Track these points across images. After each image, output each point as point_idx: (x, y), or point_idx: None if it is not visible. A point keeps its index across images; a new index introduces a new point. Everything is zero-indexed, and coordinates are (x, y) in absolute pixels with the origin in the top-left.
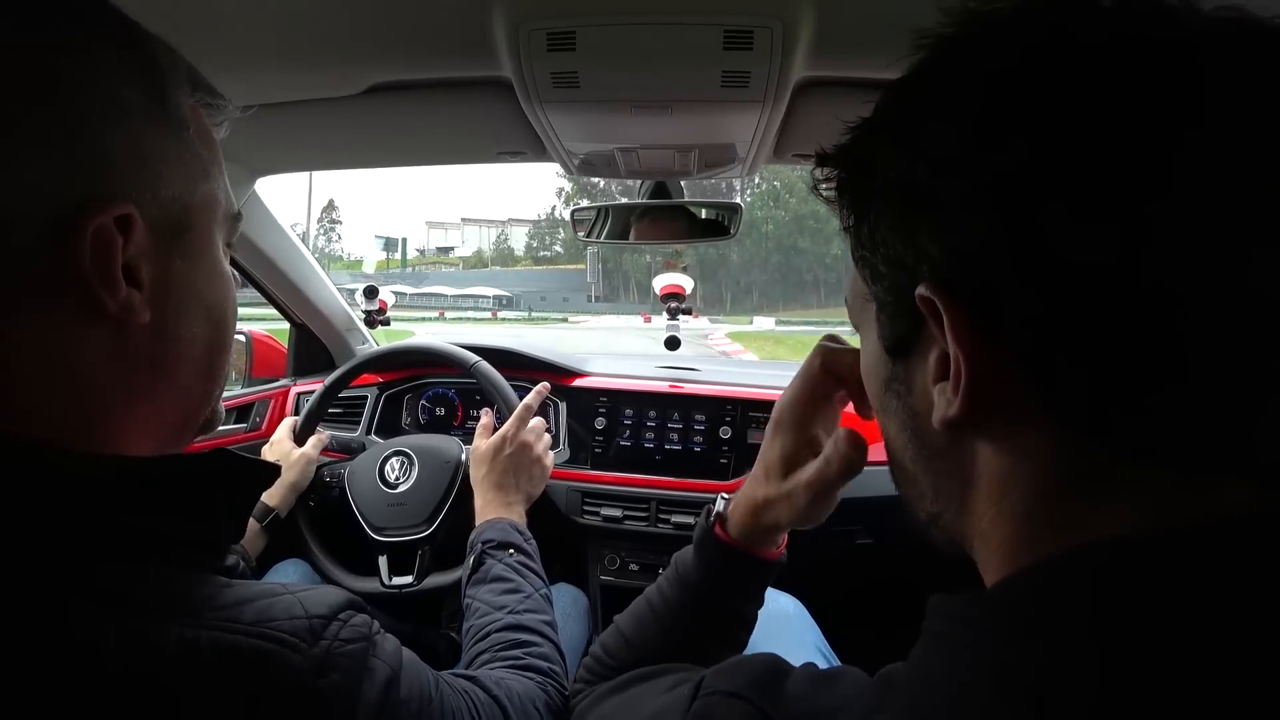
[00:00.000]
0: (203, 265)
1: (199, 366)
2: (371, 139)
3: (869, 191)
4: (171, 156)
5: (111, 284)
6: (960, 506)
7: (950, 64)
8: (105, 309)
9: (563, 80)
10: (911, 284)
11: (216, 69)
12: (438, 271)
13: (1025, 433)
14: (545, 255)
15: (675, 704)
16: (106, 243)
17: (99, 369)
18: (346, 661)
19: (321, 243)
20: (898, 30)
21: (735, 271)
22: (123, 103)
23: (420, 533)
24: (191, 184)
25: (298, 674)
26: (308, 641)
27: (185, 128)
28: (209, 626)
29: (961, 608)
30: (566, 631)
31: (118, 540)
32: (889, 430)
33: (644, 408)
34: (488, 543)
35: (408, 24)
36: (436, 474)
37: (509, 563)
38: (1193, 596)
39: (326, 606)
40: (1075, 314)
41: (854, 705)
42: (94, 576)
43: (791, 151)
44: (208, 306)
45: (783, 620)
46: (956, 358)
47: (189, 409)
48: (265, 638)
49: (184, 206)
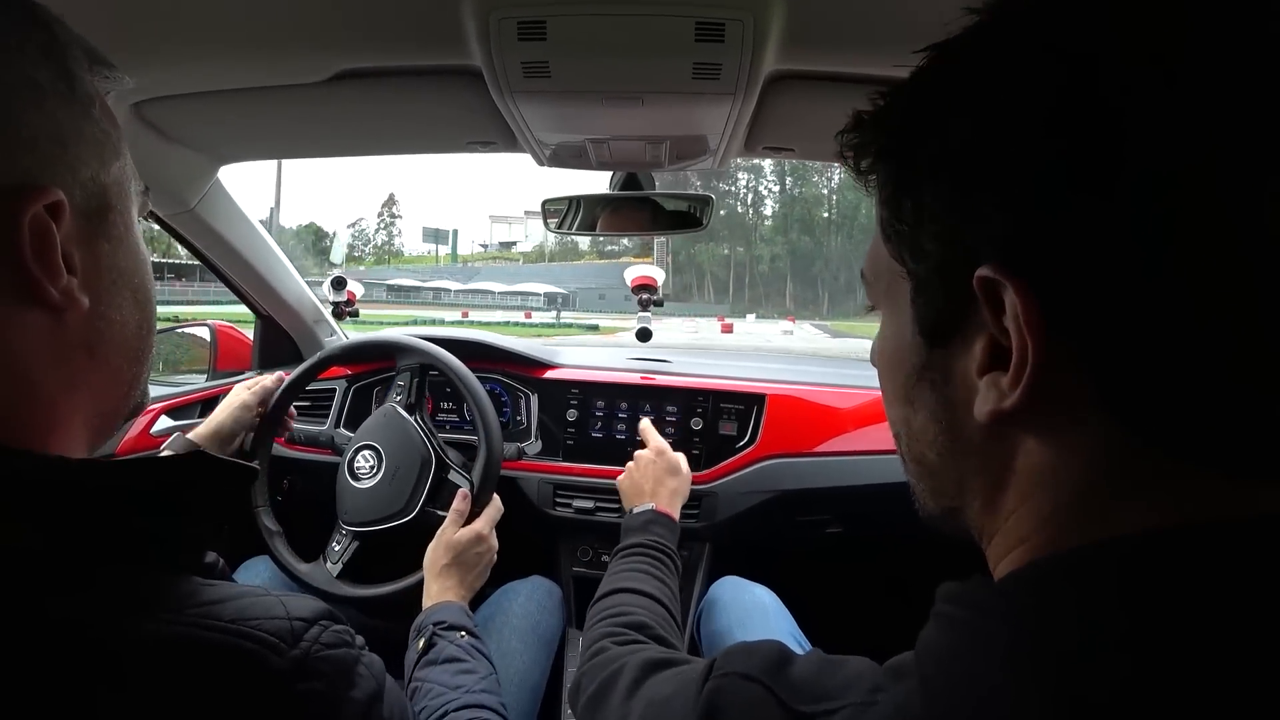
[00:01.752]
0: (125, 245)
1: (129, 349)
2: (338, 127)
3: (918, 158)
4: (87, 137)
5: (53, 272)
6: (985, 501)
7: (1028, 23)
8: (48, 298)
9: (533, 70)
10: (967, 263)
11: (180, 55)
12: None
13: (1075, 427)
14: (611, 249)
15: (688, 687)
16: (44, 230)
17: (40, 360)
18: (327, 668)
19: (382, 238)
20: (868, 26)
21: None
22: (36, 84)
23: (394, 522)
24: (105, 163)
25: (275, 676)
26: (287, 643)
27: (92, 104)
28: (186, 622)
29: (972, 591)
30: (542, 624)
31: (94, 540)
32: (913, 422)
33: (616, 399)
34: (439, 624)
35: (375, 10)
36: (405, 472)
37: (461, 644)
38: (1226, 587)
39: (309, 610)
40: (1154, 307)
41: (859, 685)
42: (69, 574)
43: (763, 144)
44: (133, 287)
45: (759, 611)
46: (1023, 346)
47: (119, 394)
48: (244, 636)
49: (102, 187)
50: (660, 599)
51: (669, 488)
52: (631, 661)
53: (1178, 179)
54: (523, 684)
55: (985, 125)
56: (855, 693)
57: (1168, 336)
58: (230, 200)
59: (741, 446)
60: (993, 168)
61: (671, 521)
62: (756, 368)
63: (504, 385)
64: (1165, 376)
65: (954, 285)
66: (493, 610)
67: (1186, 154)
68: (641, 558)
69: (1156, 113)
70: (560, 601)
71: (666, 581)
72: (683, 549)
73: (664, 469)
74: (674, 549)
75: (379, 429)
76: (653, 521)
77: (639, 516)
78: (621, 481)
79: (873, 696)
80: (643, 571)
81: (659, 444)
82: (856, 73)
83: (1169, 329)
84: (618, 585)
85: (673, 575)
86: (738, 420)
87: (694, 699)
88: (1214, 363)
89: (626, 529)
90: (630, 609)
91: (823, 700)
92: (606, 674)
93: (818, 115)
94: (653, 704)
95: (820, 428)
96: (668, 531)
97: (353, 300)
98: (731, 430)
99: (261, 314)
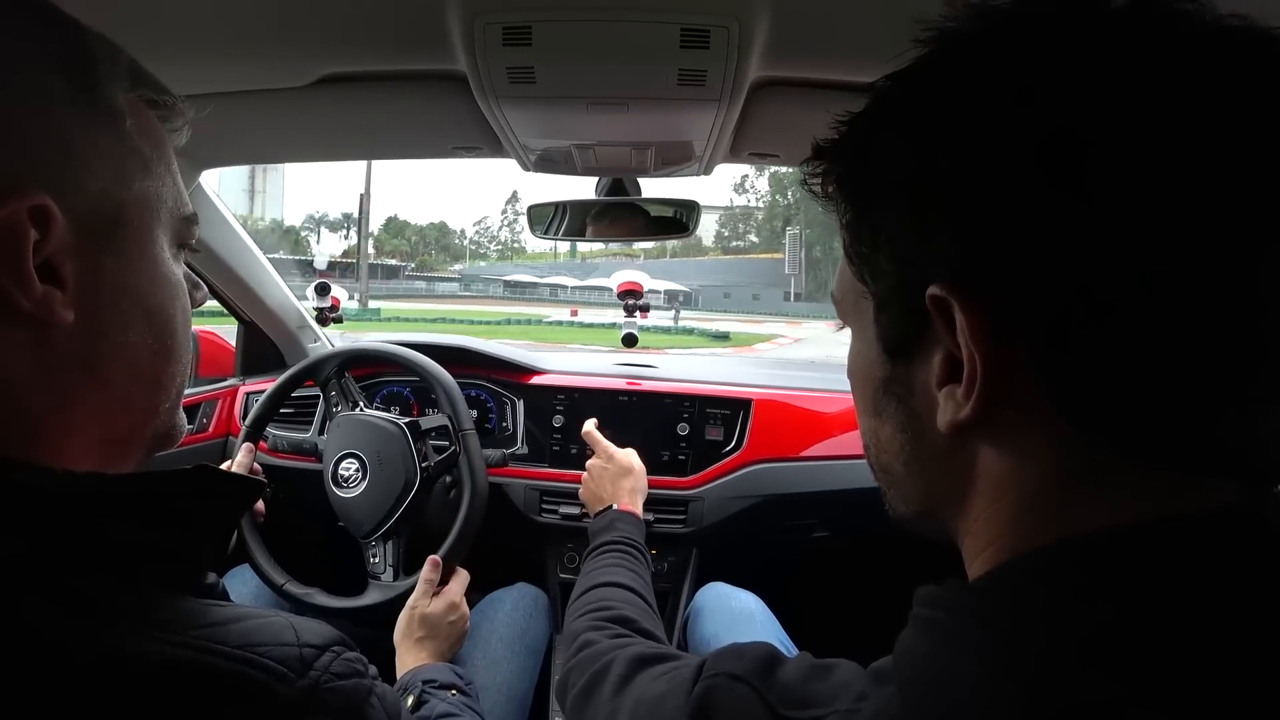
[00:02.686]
0: (141, 265)
1: (140, 374)
2: (322, 132)
3: (872, 186)
4: (104, 149)
5: (22, 280)
6: (954, 505)
7: (973, 56)
8: (19, 307)
9: (519, 76)
10: (921, 282)
11: (160, 58)
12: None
13: (1031, 433)
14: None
15: (678, 686)
16: (14, 234)
17: (21, 374)
18: (337, 701)
19: (506, 235)
20: (853, 34)
21: None
22: (45, 90)
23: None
24: (126, 179)
25: (281, 709)
26: (296, 672)
27: (121, 120)
28: (192, 646)
29: (947, 594)
30: (529, 632)
31: (93, 553)
32: (881, 433)
33: (601, 404)
34: (429, 682)
35: (359, 14)
36: (389, 481)
37: (452, 702)
38: (1184, 581)
39: (320, 637)
40: (1098, 314)
41: (846, 693)
42: (66, 587)
43: (748, 150)
44: (147, 310)
45: (745, 618)
46: (971, 359)
47: (132, 421)
48: (250, 664)
49: (116, 202)
50: (638, 590)
51: (626, 488)
52: (620, 656)
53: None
54: (510, 693)
55: (936, 148)
56: (842, 700)
57: (1118, 344)
58: (212, 204)
59: (728, 451)
60: (943, 190)
61: (635, 518)
62: (743, 372)
63: (489, 391)
64: (1117, 381)
65: (910, 303)
66: (479, 619)
67: (1139, 174)
68: (611, 554)
69: (1112, 138)
70: (546, 609)
71: (640, 573)
72: (669, 554)
73: (616, 472)
74: (642, 543)
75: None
76: (616, 519)
77: (603, 518)
78: (582, 494)
79: (857, 704)
80: (616, 566)
81: (606, 448)
82: (842, 79)
83: (1120, 337)
84: (595, 581)
85: (645, 568)
86: (724, 425)
87: (684, 699)
88: (1164, 365)
89: (593, 532)
90: (612, 603)
91: (809, 706)
92: (595, 668)
93: (803, 122)
94: (642, 702)
95: (806, 432)
96: (633, 527)
97: (336, 306)
98: (718, 435)
99: (244, 320)
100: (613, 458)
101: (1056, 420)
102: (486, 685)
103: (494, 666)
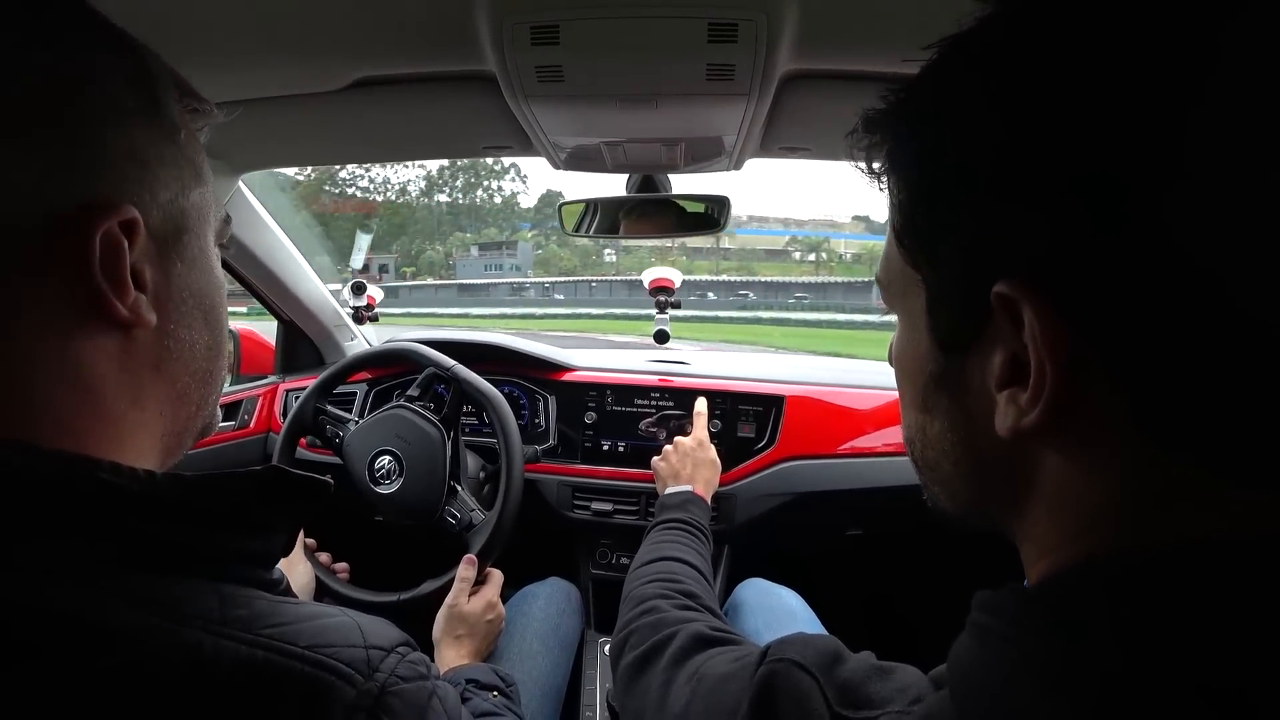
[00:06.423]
0: (199, 267)
1: (197, 370)
2: (356, 134)
3: (935, 160)
4: (168, 160)
5: (121, 288)
6: (1009, 509)
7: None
8: (115, 313)
9: (547, 74)
10: (986, 275)
11: (199, 66)
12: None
13: (1102, 441)
14: None
15: (743, 670)
16: (115, 246)
17: (108, 375)
18: (400, 704)
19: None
20: (882, 24)
21: None
22: (120, 106)
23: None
24: (186, 187)
25: (346, 710)
26: (363, 674)
27: (178, 131)
28: (264, 645)
29: (1006, 602)
30: (562, 627)
31: (175, 554)
32: (929, 429)
33: (633, 401)
34: (472, 681)
35: (391, 19)
36: (424, 477)
37: (494, 703)
38: (1264, 601)
39: (386, 639)
40: (1186, 325)
41: (902, 697)
42: (140, 585)
43: (779, 144)
44: (205, 309)
45: (788, 615)
46: (1040, 366)
47: (187, 413)
48: (320, 665)
49: (180, 210)
50: (705, 573)
51: (704, 476)
52: (686, 630)
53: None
54: (545, 687)
55: (1022, 124)
56: (897, 703)
57: (1205, 353)
58: (251, 208)
59: (760, 448)
60: (1028, 175)
61: (707, 506)
62: (775, 369)
63: (522, 389)
64: (1199, 392)
65: (972, 296)
66: (513, 614)
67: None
68: (682, 531)
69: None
70: (579, 604)
71: (706, 558)
72: None
73: (703, 459)
74: (709, 531)
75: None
76: (690, 501)
77: (677, 495)
78: (658, 463)
79: (910, 708)
80: (687, 545)
81: (701, 434)
82: (872, 70)
83: (1203, 347)
84: (664, 553)
85: (709, 554)
86: (756, 422)
87: (748, 681)
88: (1249, 377)
89: (663, 506)
90: (681, 577)
91: (864, 708)
92: (658, 638)
93: (834, 114)
94: (705, 679)
95: (839, 429)
96: (704, 513)
97: (372, 305)
98: (750, 432)
99: (283, 319)
100: (703, 444)
101: (1131, 429)
102: (521, 679)
103: (528, 660)
